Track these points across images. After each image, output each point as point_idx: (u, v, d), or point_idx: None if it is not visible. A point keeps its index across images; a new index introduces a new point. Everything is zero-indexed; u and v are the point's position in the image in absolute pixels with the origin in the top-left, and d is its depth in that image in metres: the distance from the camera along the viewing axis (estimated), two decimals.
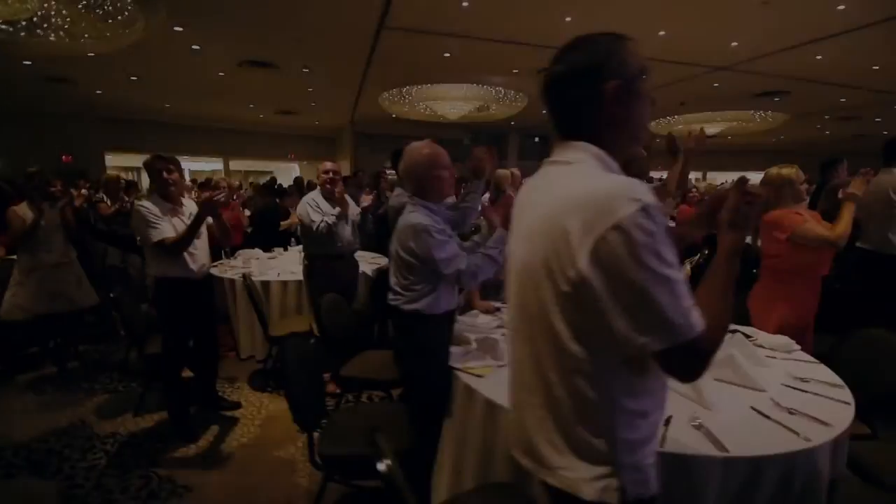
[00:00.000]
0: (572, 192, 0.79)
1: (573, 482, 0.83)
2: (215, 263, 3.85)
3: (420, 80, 8.24)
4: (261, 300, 3.33)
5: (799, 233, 2.25)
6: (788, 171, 2.47)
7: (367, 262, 4.15)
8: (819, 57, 6.84)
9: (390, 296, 1.87)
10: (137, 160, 14.02)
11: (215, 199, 2.46)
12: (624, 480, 0.82)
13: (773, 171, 2.51)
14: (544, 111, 0.91)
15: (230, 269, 3.88)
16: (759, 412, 1.41)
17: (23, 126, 10.33)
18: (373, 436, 1.16)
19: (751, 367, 1.63)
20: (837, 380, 1.67)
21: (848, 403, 1.47)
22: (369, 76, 8.22)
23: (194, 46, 6.59)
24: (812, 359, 1.91)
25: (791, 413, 1.39)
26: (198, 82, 8.46)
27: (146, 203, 2.45)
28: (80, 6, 4.50)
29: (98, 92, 9.59)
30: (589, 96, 0.82)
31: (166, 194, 2.52)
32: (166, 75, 8.10)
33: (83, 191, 5.23)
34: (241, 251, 4.50)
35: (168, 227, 2.45)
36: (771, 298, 2.44)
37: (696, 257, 3.89)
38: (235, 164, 14.57)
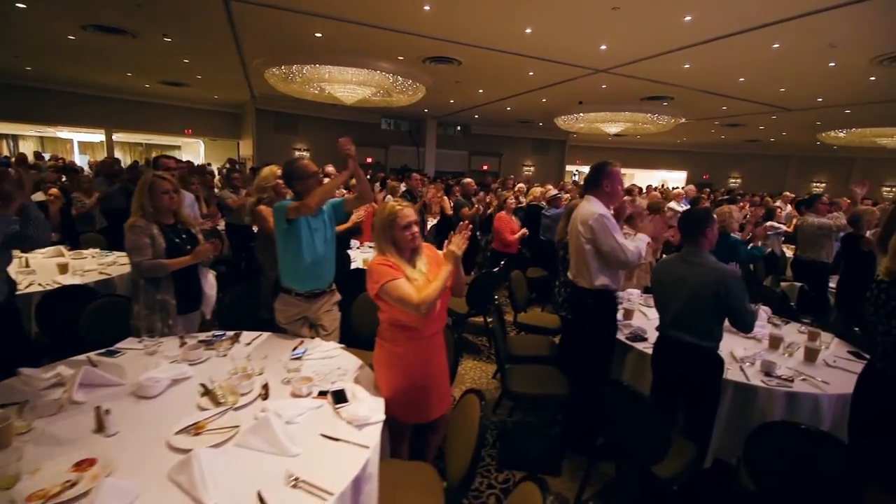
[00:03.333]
0: None
1: None
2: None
3: (303, 61, 7.77)
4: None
5: (385, 290, 1.75)
6: (394, 207, 1.85)
7: None
8: (687, 66, 7.07)
9: None
10: (2, 127, 12.50)
11: None
12: None
13: (387, 204, 1.90)
14: (451, 101, 0.63)
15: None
16: None
17: None
18: None
19: (210, 468, 1.24)
20: (334, 486, 1.26)
21: None
22: (246, 52, 7.65)
23: (19, 4, 5.78)
24: (365, 444, 1.46)
25: None
26: (47, 45, 7.53)
27: None
28: None
29: None
30: None
31: None
32: (2, 35, 7.13)
33: None
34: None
35: None
36: (381, 359, 1.92)
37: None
38: (122, 137, 13.29)
